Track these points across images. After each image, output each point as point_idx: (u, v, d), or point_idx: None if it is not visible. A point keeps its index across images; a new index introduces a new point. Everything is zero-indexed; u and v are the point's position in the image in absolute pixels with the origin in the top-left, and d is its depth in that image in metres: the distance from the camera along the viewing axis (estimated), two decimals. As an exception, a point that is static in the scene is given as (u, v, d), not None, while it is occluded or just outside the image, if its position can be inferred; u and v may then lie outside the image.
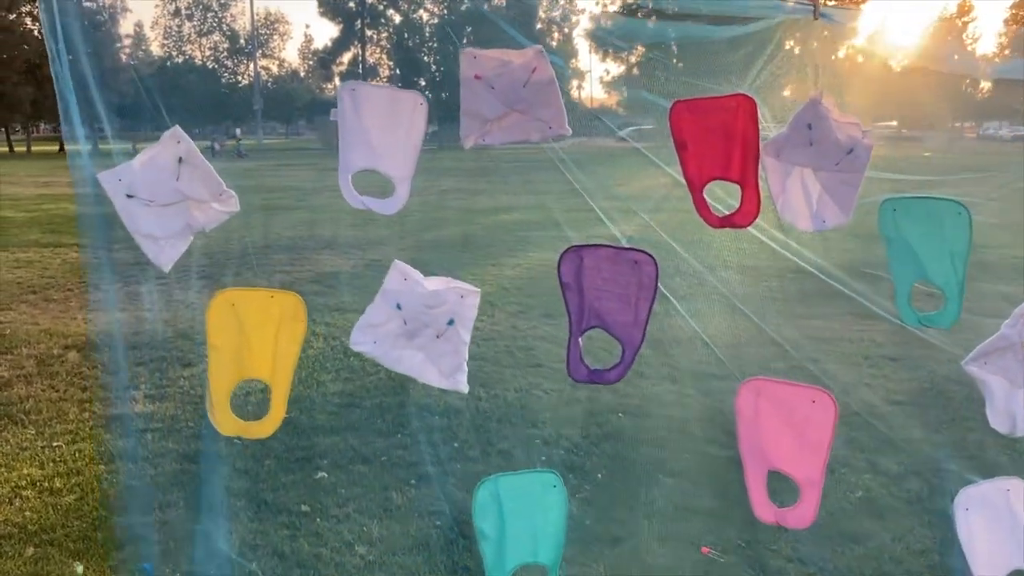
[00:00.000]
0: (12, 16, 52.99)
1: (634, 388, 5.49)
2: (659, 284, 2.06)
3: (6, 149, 55.22)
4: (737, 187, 2.09)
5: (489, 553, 2.09)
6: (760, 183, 2.09)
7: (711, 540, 3.57)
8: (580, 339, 2.11)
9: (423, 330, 2.07)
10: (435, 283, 2.09)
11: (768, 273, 8.40)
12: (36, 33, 47.99)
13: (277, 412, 2.11)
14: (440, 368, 2.10)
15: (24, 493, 4.03)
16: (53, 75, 2.16)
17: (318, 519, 3.79)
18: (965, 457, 4.32)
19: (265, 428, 2.12)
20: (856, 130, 2.07)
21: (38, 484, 4.12)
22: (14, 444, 4.64)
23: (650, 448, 4.60)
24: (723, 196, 2.17)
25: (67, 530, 3.67)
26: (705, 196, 2.10)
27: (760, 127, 2.07)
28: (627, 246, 2.09)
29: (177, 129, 2.04)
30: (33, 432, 4.82)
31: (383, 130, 2.07)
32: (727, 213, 2.11)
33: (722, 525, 3.66)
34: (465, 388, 2.11)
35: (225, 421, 2.10)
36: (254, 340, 2.05)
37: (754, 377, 2.09)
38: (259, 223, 14.51)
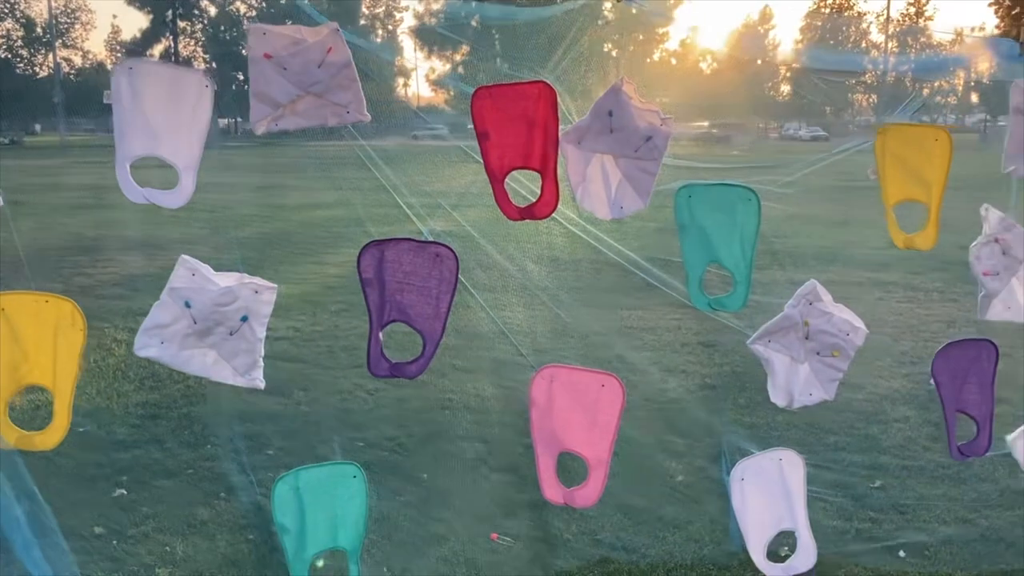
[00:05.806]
0: None
1: (452, 382, 5.50)
2: (460, 277, 2.03)
3: None
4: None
5: (290, 545, 2.06)
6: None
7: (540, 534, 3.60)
8: (381, 333, 2.04)
9: (215, 328, 1.91)
10: (227, 279, 1.94)
11: (584, 266, 8.75)
12: None
13: (61, 420, 1.93)
14: (234, 366, 1.95)
15: None
16: None
17: (114, 541, 3.48)
18: (774, 438, 4.59)
19: (50, 438, 1.94)
20: (655, 117, 2.11)
21: None
22: None
23: (472, 443, 4.59)
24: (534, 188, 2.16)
25: None
26: (507, 187, 2.08)
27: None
28: (429, 240, 2.04)
29: None
30: None
31: (166, 112, 1.89)
32: (528, 203, 2.10)
33: (547, 514, 3.71)
34: (262, 384, 1.99)
35: (6, 432, 1.93)
36: (30, 346, 1.88)
37: (548, 365, 2.11)
38: (57, 223, 13.32)
